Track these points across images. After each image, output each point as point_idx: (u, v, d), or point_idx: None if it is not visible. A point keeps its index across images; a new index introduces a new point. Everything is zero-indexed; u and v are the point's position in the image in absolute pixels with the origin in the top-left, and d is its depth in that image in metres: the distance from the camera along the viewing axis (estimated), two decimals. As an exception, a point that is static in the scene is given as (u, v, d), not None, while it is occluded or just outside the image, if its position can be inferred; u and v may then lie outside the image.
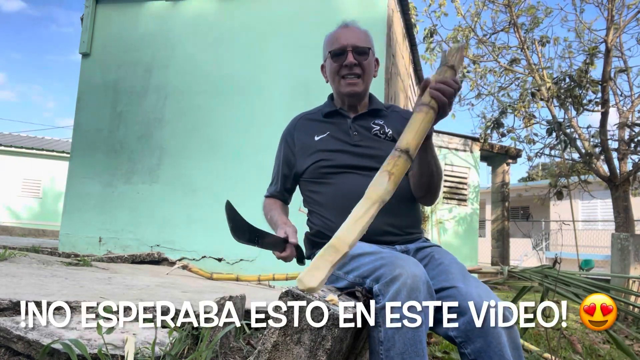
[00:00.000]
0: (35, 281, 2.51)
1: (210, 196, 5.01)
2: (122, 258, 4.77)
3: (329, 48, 1.75)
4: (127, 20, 5.80)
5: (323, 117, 1.76)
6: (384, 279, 1.23)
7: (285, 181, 1.80)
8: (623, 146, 7.90)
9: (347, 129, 1.70)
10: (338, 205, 1.58)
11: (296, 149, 1.74)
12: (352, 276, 1.38)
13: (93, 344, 1.44)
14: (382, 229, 1.53)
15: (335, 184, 1.62)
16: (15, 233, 9.94)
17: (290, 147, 1.77)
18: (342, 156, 1.63)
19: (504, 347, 1.25)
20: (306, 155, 1.70)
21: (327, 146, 1.67)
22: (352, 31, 1.72)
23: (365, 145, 1.65)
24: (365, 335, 1.44)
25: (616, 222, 7.89)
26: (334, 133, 1.70)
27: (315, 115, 1.81)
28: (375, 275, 1.28)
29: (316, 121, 1.77)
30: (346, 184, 1.59)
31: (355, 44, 1.69)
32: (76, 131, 5.72)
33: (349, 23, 1.76)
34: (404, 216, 1.60)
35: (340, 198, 1.58)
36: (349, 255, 1.43)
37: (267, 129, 4.96)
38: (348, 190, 1.57)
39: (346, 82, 1.70)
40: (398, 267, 1.24)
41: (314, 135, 1.72)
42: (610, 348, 3.12)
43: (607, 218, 15.57)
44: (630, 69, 8.38)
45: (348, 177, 1.60)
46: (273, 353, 1.18)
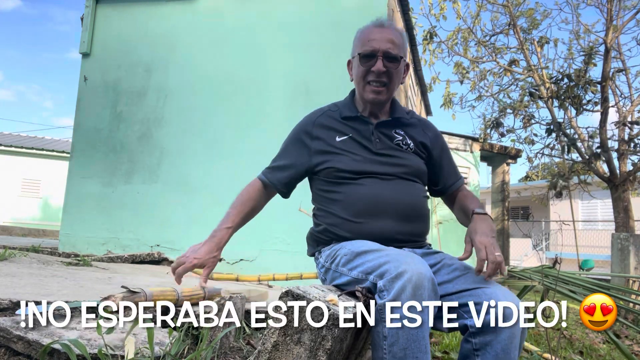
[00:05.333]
0: (35, 281, 2.51)
1: (210, 196, 5.01)
2: (122, 258, 4.77)
3: (358, 48, 1.64)
4: (127, 20, 5.80)
5: (342, 118, 1.68)
6: (388, 275, 1.23)
7: (291, 174, 1.70)
8: (623, 146, 7.90)
9: (369, 135, 1.63)
10: (358, 206, 1.54)
11: (314, 145, 1.65)
12: (356, 272, 1.37)
13: (93, 344, 1.44)
14: (392, 236, 1.51)
15: (356, 185, 1.57)
16: (15, 233, 9.94)
17: (306, 141, 1.67)
18: (365, 163, 1.59)
19: (510, 344, 1.27)
20: (325, 154, 1.62)
21: (350, 149, 1.61)
22: (386, 34, 1.60)
23: (388, 155, 1.61)
24: (366, 335, 1.44)
25: (616, 222, 7.89)
26: (356, 137, 1.64)
27: (335, 114, 1.71)
28: (380, 271, 1.27)
29: (336, 120, 1.68)
30: (368, 187, 1.55)
31: (387, 50, 1.58)
32: (76, 131, 5.72)
33: (385, 23, 1.64)
34: (415, 224, 1.58)
35: (362, 198, 1.54)
36: (353, 252, 1.42)
37: (267, 129, 4.96)
38: (370, 192, 1.54)
39: (371, 89, 1.61)
40: (403, 264, 1.24)
41: (335, 135, 1.65)
42: (608, 347, 3.12)
43: (607, 218, 15.57)
44: (629, 70, 8.38)
45: (370, 181, 1.56)
46: (273, 353, 1.18)
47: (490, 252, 1.38)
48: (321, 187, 1.65)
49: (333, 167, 1.60)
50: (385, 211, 1.53)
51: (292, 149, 1.71)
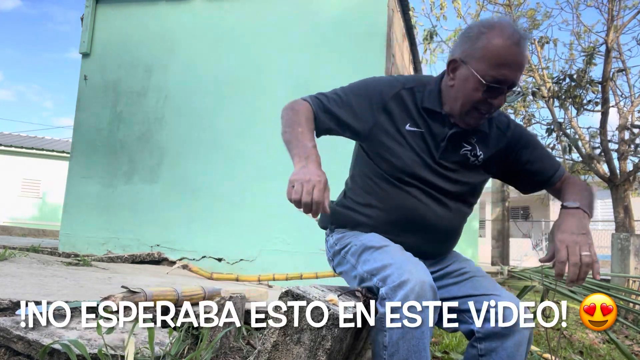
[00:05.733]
0: (36, 281, 2.51)
1: (210, 196, 5.01)
2: (122, 258, 4.77)
3: (484, 66, 1.30)
4: (127, 20, 5.80)
5: (422, 107, 1.44)
6: (391, 282, 1.20)
7: (337, 128, 1.44)
8: (623, 146, 7.90)
9: (440, 140, 1.42)
10: (393, 216, 1.42)
11: (381, 119, 1.42)
12: (361, 269, 1.34)
13: (93, 344, 1.44)
14: (413, 251, 1.38)
15: (401, 191, 1.42)
16: (15, 233, 9.94)
17: (375, 109, 1.42)
18: (422, 169, 1.41)
19: (516, 351, 1.27)
20: (387, 138, 1.42)
21: (415, 145, 1.41)
22: (520, 57, 1.31)
23: (449, 168, 1.43)
24: (365, 335, 1.44)
25: (616, 222, 7.89)
26: (427, 135, 1.43)
27: (417, 96, 1.45)
28: (383, 275, 1.24)
29: (415, 105, 1.44)
30: (412, 200, 1.41)
31: (514, 81, 1.33)
32: (76, 131, 5.72)
33: (523, 37, 1.32)
34: (443, 246, 1.51)
35: (400, 209, 1.42)
36: (363, 245, 1.37)
37: (267, 129, 4.95)
38: (412, 207, 1.41)
39: (477, 116, 1.39)
40: (406, 272, 1.20)
41: (407, 121, 1.42)
42: (608, 347, 3.12)
43: (607, 218, 15.56)
44: (629, 70, 8.39)
45: (417, 192, 1.41)
46: (273, 353, 1.18)
47: (572, 253, 1.21)
48: (366, 168, 1.47)
49: (387, 160, 1.42)
50: (417, 231, 1.43)
51: (355, 105, 1.43)
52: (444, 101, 1.43)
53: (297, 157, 1.29)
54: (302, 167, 1.26)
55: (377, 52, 4.72)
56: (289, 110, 1.41)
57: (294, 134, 1.34)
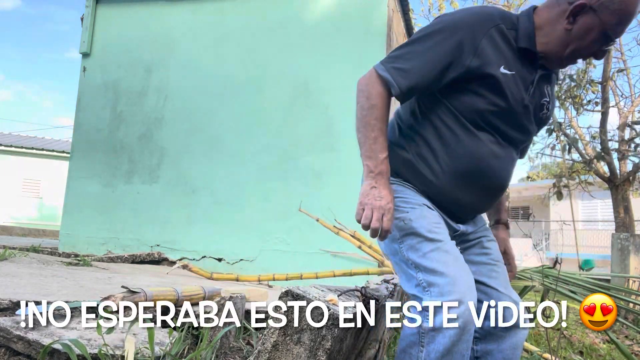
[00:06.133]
0: (36, 281, 2.51)
1: (210, 196, 5.01)
2: (122, 258, 4.77)
3: (618, 21, 1.21)
4: (127, 20, 5.80)
5: (518, 47, 1.30)
6: (438, 296, 1.14)
7: (425, 82, 1.28)
8: (623, 146, 7.90)
9: (529, 84, 1.32)
10: (461, 165, 1.30)
11: (473, 63, 1.26)
12: (407, 254, 1.25)
13: (93, 344, 1.44)
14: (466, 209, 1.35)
15: (474, 138, 1.30)
16: (15, 233, 9.94)
17: (466, 50, 1.25)
18: (503, 117, 1.30)
19: (512, 354, 1.27)
20: (476, 81, 1.28)
21: (506, 89, 1.28)
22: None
23: (527, 118, 1.34)
24: (366, 335, 1.44)
25: (616, 222, 7.90)
26: (518, 78, 1.30)
27: (509, 34, 1.31)
28: (431, 279, 1.18)
29: (508, 45, 1.30)
30: (483, 149, 1.30)
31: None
32: (76, 131, 5.72)
33: None
34: (493, 203, 1.45)
35: (470, 158, 1.30)
36: (414, 228, 1.26)
37: (267, 129, 4.96)
38: (482, 156, 1.30)
39: (573, 61, 1.33)
40: (457, 292, 1.13)
41: (501, 62, 1.28)
42: (608, 347, 3.12)
43: (607, 218, 15.56)
44: (629, 70, 8.39)
45: (490, 140, 1.31)
46: (273, 353, 1.18)
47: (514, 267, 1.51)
48: (438, 110, 1.32)
49: (474, 107, 1.28)
50: (480, 184, 1.33)
51: (442, 48, 1.26)
52: (539, 40, 1.31)
53: (368, 169, 1.25)
54: (372, 188, 1.23)
55: (377, 52, 4.71)
56: (365, 100, 1.27)
57: (367, 138, 1.26)
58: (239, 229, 4.86)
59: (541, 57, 1.31)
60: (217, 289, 2.02)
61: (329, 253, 4.53)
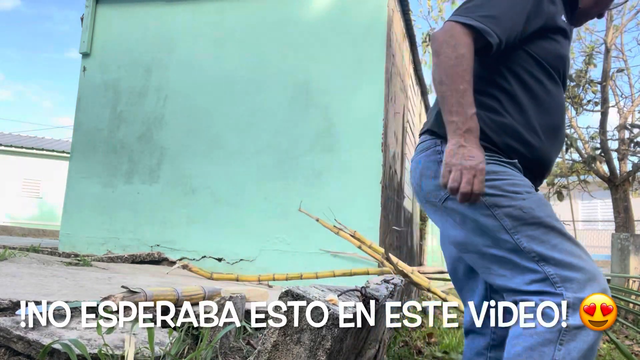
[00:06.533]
0: (36, 281, 2.51)
1: (210, 196, 5.01)
2: (122, 258, 4.77)
3: None
4: (127, 20, 5.80)
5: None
6: (579, 291, 1.08)
7: (515, 32, 1.19)
8: (623, 146, 7.91)
9: (570, 32, 1.35)
10: (554, 118, 1.23)
11: (550, 8, 1.24)
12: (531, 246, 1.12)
13: (93, 344, 1.44)
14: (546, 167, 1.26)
15: (559, 89, 1.26)
16: (15, 233, 9.94)
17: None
18: (567, 65, 1.29)
19: None
20: (553, 29, 1.24)
21: (567, 37, 1.28)
22: None
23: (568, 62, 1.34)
24: (366, 335, 1.44)
25: (616, 222, 7.90)
26: (568, 29, 1.30)
27: None
28: (566, 274, 1.09)
29: None
30: (560, 97, 1.25)
31: None
32: (76, 131, 5.72)
33: None
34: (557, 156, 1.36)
35: (558, 109, 1.24)
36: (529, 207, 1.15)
37: (267, 129, 4.96)
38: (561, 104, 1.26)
39: (594, 16, 1.37)
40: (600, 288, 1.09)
41: (562, 12, 1.27)
42: (608, 347, 3.12)
43: (607, 218, 15.56)
44: (629, 70, 8.39)
45: (558, 92, 1.25)
46: (273, 353, 1.18)
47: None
48: (522, 61, 1.23)
49: (557, 53, 1.22)
50: (560, 141, 1.28)
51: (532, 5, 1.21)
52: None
53: (455, 125, 1.11)
54: (460, 146, 1.09)
55: (377, 52, 4.72)
56: (451, 50, 1.14)
57: (453, 91, 1.12)
58: (239, 229, 4.86)
59: (579, 12, 1.33)
60: (217, 289, 2.02)
61: (329, 253, 4.53)
